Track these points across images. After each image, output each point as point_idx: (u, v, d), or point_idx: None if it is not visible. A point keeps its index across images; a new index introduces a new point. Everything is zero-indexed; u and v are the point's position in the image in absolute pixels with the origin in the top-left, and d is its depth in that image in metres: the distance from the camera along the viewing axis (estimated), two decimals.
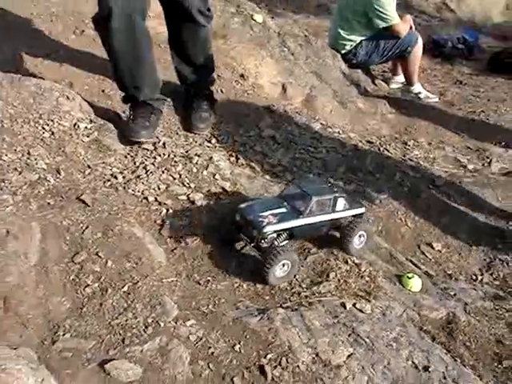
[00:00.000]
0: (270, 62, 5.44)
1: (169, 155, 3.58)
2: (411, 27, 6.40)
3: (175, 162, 3.52)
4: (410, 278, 3.17)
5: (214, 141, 4.07)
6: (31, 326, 2.52)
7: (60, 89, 3.81)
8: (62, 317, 2.59)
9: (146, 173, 3.39)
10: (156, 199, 3.23)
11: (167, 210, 3.22)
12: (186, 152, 3.64)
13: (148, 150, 3.59)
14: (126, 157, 3.51)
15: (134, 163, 3.47)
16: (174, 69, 4.25)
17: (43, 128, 3.50)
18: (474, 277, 3.49)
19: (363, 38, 6.39)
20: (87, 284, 2.72)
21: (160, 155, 3.56)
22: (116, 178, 3.32)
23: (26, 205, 3.01)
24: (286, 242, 3.06)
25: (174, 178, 3.40)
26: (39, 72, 4.21)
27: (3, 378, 2.08)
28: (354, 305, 2.86)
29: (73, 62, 4.41)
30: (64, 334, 2.51)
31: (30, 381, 2.16)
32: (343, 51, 6.48)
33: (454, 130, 5.51)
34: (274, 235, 2.99)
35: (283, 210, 3.06)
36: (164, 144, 3.67)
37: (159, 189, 3.30)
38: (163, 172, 3.42)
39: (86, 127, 3.61)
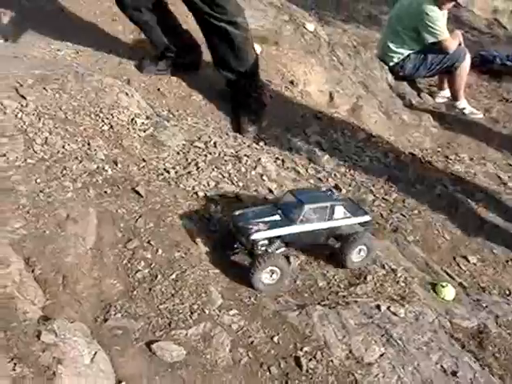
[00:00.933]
0: (319, 70, 5.58)
1: (219, 154, 3.75)
2: (460, 43, 6.47)
3: (225, 160, 3.70)
4: (443, 287, 3.27)
5: (262, 143, 4.25)
6: (86, 304, 2.72)
7: (120, 85, 4.02)
8: (114, 298, 2.79)
9: (197, 169, 3.57)
10: (205, 195, 3.41)
11: (215, 206, 3.39)
12: (236, 152, 3.81)
13: (200, 148, 3.77)
14: (178, 153, 3.69)
15: (186, 159, 3.65)
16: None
17: (103, 121, 3.71)
18: (508, 291, 3.57)
19: (411, 51, 6.48)
20: (138, 269, 2.91)
21: (211, 153, 3.74)
22: (169, 172, 3.51)
23: (84, 192, 3.22)
24: (282, 249, 3.08)
25: (224, 176, 3.57)
26: (100, 68, 4.43)
27: (62, 346, 2.28)
28: (388, 308, 2.98)
29: (131, 61, 4.63)
30: (115, 314, 2.70)
31: (84, 352, 2.36)
32: (391, 63, 6.58)
33: (496, 147, 5.56)
34: (266, 242, 3.01)
35: (276, 217, 3.07)
36: (215, 143, 3.85)
37: (209, 185, 3.47)
38: (213, 170, 3.60)
39: (142, 123, 3.81)
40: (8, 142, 3.38)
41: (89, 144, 3.52)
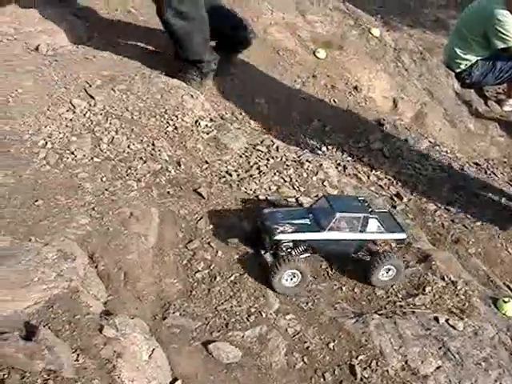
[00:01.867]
0: (384, 76, 5.54)
1: (281, 158, 3.77)
2: None
3: (287, 165, 3.71)
4: (505, 302, 3.19)
5: (324, 149, 4.26)
6: (145, 301, 2.79)
7: (185, 87, 4.10)
8: (173, 297, 2.85)
9: (258, 173, 3.60)
10: (266, 198, 3.43)
11: None
12: (298, 157, 3.83)
13: (262, 151, 3.80)
14: (241, 156, 3.73)
15: (248, 163, 3.69)
16: None
17: (167, 122, 3.79)
18: None
19: (479, 57, 6.34)
20: (198, 270, 2.96)
21: (273, 158, 3.76)
22: (231, 175, 3.56)
23: (148, 191, 3.30)
24: (306, 254, 3.04)
25: (285, 181, 3.59)
26: (165, 70, 4.51)
27: (122, 341, 2.35)
28: (446, 320, 2.94)
29: None
30: (174, 312, 2.76)
31: (143, 348, 2.43)
32: (457, 70, 6.46)
33: None
34: (290, 245, 2.98)
35: (305, 221, 3.02)
36: (277, 147, 3.88)
37: (270, 189, 3.50)
38: (275, 174, 3.62)
39: (206, 125, 3.87)
40: (76, 141, 3.50)
41: (153, 144, 3.60)
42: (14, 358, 2.13)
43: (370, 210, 3.07)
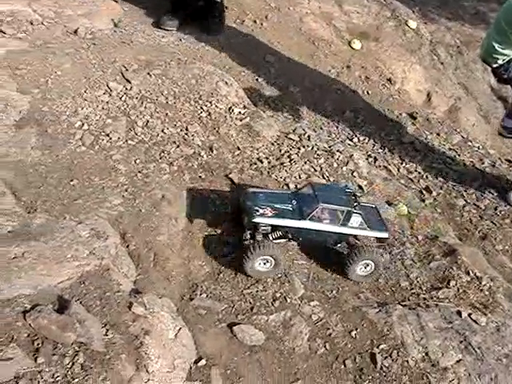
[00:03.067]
0: (418, 69, 5.51)
1: (312, 148, 3.81)
2: None
3: (318, 155, 3.75)
4: None
5: (355, 140, 4.27)
6: (174, 282, 2.87)
7: (220, 74, 4.15)
8: (201, 279, 2.93)
9: (289, 161, 3.64)
10: (296, 186, 3.47)
11: None
12: (329, 147, 3.86)
13: (294, 140, 3.84)
14: (272, 144, 3.78)
15: (280, 151, 3.73)
16: None
17: (201, 108, 3.85)
18: None
19: None
20: (226, 253, 3.03)
21: (304, 146, 3.80)
22: (262, 162, 3.61)
23: (180, 175, 3.37)
24: (283, 240, 3.02)
25: (315, 170, 3.63)
26: (201, 56, 4.56)
27: (150, 319, 2.43)
28: (469, 315, 2.96)
29: (232, 50, 4.74)
30: (201, 294, 2.84)
31: (170, 326, 2.51)
32: (494, 65, 6.32)
33: None
34: (269, 229, 2.95)
35: (287, 207, 2.98)
36: (309, 137, 3.91)
37: (300, 177, 3.54)
38: (305, 163, 3.66)
39: (239, 112, 3.92)
40: (112, 123, 3.59)
41: (187, 129, 3.67)
42: (47, 330, 2.22)
43: (355, 204, 3.00)
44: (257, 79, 4.56)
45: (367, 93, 4.90)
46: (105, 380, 2.16)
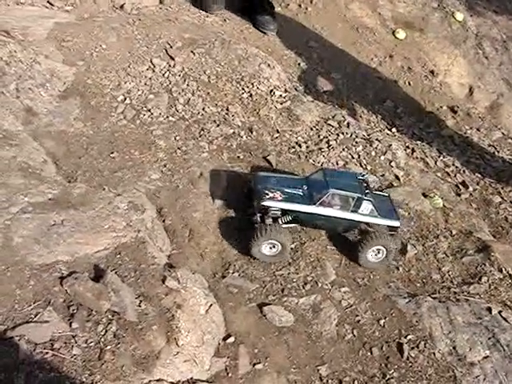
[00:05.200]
0: (462, 63, 5.44)
1: (351, 135, 3.80)
2: None
3: (356, 142, 3.74)
4: None
5: (394, 130, 4.25)
6: (207, 259, 2.92)
7: (263, 56, 4.15)
8: (234, 258, 2.97)
9: (327, 147, 3.64)
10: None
11: None
12: (368, 135, 3.84)
13: (333, 126, 3.83)
14: (311, 129, 3.78)
15: (318, 136, 3.73)
16: None
17: (243, 89, 3.86)
18: None
19: None
20: None
21: (343, 133, 3.79)
22: (300, 146, 3.61)
23: (218, 154, 3.40)
24: (291, 225, 3.01)
25: (353, 157, 3.62)
26: (245, 38, 4.57)
27: (183, 293, 2.47)
28: (499, 312, 2.95)
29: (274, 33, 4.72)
30: (233, 273, 2.88)
31: (201, 302, 2.55)
32: None
33: None
34: (278, 213, 2.94)
35: (298, 191, 2.98)
36: (348, 124, 3.89)
37: (337, 164, 3.54)
38: (343, 149, 3.66)
39: (280, 95, 3.92)
40: (154, 99, 3.63)
41: (227, 109, 3.69)
42: (82, 296, 2.28)
43: (366, 191, 2.99)
44: (299, 64, 4.56)
45: (409, 83, 4.86)
46: (136, 349, 2.21)
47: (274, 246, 2.88)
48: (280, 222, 2.94)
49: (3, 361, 2.00)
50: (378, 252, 2.99)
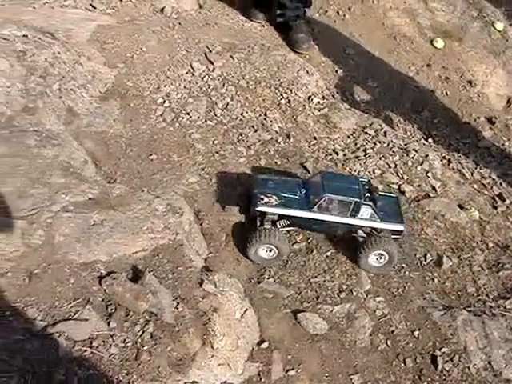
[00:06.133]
0: (501, 73, 5.37)
1: (388, 144, 3.78)
2: None
3: (393, 151, 3.72)
4: None
5: (430, 140, 4.23)
6: (243, 263, 2.93)
7: (302, 62, 4.17)
8: None
9: (364, 155, 3.63)
10: (369, 181, 3.45)
11: None
12: (405, 145, 3.82)
13: (370, 134, 3.82)
14: (349, 137, 3.77)
15: (355, 144, 3.72)
16: None
17: (281, 95, 3.87)
18: None
19: None
20: (296, 241, 3.07)
21: (380, 142, 3.77)
22: (337, 153, 3.61)
23: (256, 159, 3.42)
24: (290, 228, 3.00)
25: (389, 167, 3.60)
26: (283, 44, 4.57)
27: (219, 297, 2.50)
28: None
29: (313, 40, 4.72)
30: (269, 278, 2.89)
31: (236, 307, 2.57)
32: None
33: None
34: (275, 217, 2.92)
35: (295, 195, 2.96)
36: (385, 133, 3.88)
37: (374, 173, 3.53)
38: (380, 158, 3.64)
39: (318, 102, 3.93)
40: (193, 102, 3.66)
41: (265, 115, 3.70)
42: (121, 296, 2.31)
43: (366, 195, 2.94)
44: (336, 71, 4.55)
45: (446, 93, 4.82)
46: (172, 351, 2.24)
47: (270, 250, 2.88)
48: (278, 226, 2.94)
49: (44, 356, 2.04)
50: (380, 257, 2.96)
